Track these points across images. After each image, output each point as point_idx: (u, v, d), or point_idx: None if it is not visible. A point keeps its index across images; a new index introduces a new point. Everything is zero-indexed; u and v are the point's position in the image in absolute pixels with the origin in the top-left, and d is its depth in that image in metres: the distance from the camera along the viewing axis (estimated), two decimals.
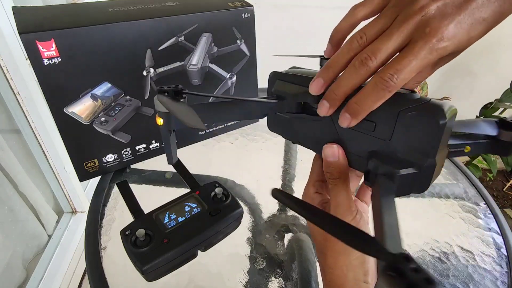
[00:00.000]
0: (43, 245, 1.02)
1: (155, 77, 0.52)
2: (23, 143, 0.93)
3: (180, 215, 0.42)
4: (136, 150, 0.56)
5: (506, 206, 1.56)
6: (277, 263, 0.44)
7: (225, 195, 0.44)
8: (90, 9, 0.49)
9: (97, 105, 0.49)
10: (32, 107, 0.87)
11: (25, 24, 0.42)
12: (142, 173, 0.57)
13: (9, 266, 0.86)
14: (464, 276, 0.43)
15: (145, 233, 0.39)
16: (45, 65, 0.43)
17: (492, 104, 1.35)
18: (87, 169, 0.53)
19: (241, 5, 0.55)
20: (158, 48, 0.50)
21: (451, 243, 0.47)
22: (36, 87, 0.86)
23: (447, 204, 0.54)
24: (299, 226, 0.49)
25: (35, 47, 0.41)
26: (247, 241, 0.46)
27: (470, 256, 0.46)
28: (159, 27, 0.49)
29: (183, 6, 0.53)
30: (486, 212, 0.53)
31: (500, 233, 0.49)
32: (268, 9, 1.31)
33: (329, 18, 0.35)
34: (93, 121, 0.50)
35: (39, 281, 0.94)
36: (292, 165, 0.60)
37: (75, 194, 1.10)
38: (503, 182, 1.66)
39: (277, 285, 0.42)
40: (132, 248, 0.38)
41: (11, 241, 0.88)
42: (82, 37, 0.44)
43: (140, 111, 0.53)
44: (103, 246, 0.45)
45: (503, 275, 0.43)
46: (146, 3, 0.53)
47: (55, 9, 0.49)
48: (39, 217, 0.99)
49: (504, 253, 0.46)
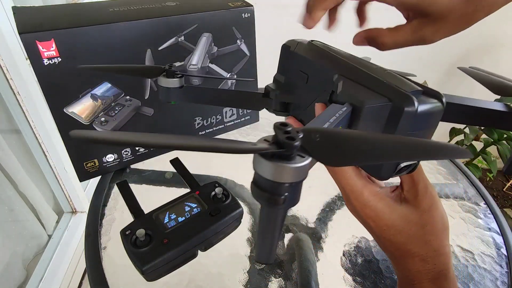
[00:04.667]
0: (43, 245, 1.02)
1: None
2: (23, 143, 0.93)
3: (180, 215, 0.42)
4: (136, 150, 0.56)
5: (506, 206, 1.56)
6: (277, 263, 0.44)
7: (225, 195, 0.44)
8: (90, 9, 0.49)
9: (97, 105, 0.49)
10: (32, 107, 0.87)
11: (25, 24, 0.42)
12: (142, 173, 0.57)
13: (9, 266, 0.86)
14: (464, 276, 0.43)
15: (145, 233, 0.39)
16: (45, 65, 0.43)
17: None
18: (87, 169, 0.53)
19: (241, 5, 0.55)
20: (158, 48, 0.50)
21: (451, 243, 0.47)
22: (36, 87, 0.86)
23: (447, 204, 0.54)
24: (299, 226, 0.49)
25: (35, 47, 0.41)
26: (247, 241, 0.46)
27: (470, 256, 0.46)
28: (159, 27, 0.49)
29: (183, 6, 0.53)
30: (486, 212, 0.53)
31: (500, 233, 0.49)
32: (268, 9, 1.31)
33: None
34: (93, 121, 0.50)
35: (39, 281, 0.93)
36: None
37: (75, 194, 1.10)
38: (503, 182, 1.66)
39: (277, 285, 0.42)
40: (132, 248, 0.38)
41: (11, 241, 0.88)
42: (82, 37, 0.44)
43: (140, 111, 0.53)
44: (103, 246, 0.45)
45: (503, 275, 0.43)
46: (146, 3, 0.53)
47: (55, 9, 0.49)
48: (39, 217, 0.99)
49: (504, 253, 0.46)
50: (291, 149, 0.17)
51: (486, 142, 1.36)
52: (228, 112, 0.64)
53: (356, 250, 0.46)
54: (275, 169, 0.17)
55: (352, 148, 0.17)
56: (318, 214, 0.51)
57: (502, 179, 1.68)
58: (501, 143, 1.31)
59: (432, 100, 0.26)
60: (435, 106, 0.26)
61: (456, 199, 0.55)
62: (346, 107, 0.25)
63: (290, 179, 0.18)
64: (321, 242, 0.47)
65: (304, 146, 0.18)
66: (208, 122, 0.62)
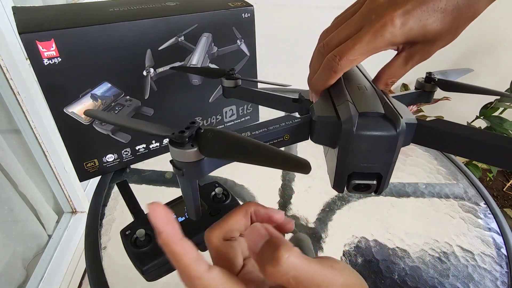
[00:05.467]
0: (43, 245, 1.02)
1: (155, 77, 0.52)
2: (23, 143, 0.93)
3: (180, 215, 0.42)
4: (136, 150, 0.56)
5: (506, 206, 1.56)
6: None
7: (225, 195, 0.44)
8: (90, 9, 0.49)
9: (97, 105, 0.49)
10: (32, 107, 0.87)
11: (25, 24, 0.42)
12: (142, 173, 0.57)
13: (9, 266, 0.86)
14: (464, 276, 0.43)
15: (145, 233, 0.39)
16: (45, 65, 0.43)
17: (492, 104, 1.35)
18: (87, 169, 0.53)
19: (241, 5, 0.55)
20: (158, 48, 0.50)
21: (451, 243, 0.47)
22: (36, 87, 0.86)
23: (447, 204, 0.54)
24: (299, 226, 0.49)
25: (35, 47, 0.41)
26: None
27: (470, 256, 0.46)
28: (159, 27, 0.49)
29: (183, 6, 0.53)
30: (486, 212, 0.53)
31: (500, 233, 0.49)
32: (268, 9, 1.31)
33: (329, 18, 0.36)
34: (93, 121, 0.50)
35: (39, 281, 0.94)
36: None
37: (75, 194, 1.10)
38: (503, 182, 1.66)
39: None
40: (132, 248, 0.38)
41: (11, 241, 0.88)
42: (82, 37, 0.44)
43: (140, 111, 0.53)
44: (103, 246, 0.45)
45: (503, 275, 0.43)
46: (146, 3, 0.53)
47: (55, 9, 0.49)
48: (39, 217, 0.99)
49: (504, 253, 0.46)
50: (181, 139, 0.24)
51: None
52: (228, 112, 0.64)
53: (356, 250, 0.46)
54: (172, 151, 0.25)
55: (228, 147, 0.23)
56: (318, 214, 0.51)
57: (502, 179, 1.68)
58: None
59: (383, 124, 0.26)
60: (382, 131, 0.25)
61: (456, 199, 0.55)
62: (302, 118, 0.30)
63: (181, 159, 0.25)
64: (321, 242, 0.47)
65: (197, 139, 0.25)
66: (208, 122, 0.62)
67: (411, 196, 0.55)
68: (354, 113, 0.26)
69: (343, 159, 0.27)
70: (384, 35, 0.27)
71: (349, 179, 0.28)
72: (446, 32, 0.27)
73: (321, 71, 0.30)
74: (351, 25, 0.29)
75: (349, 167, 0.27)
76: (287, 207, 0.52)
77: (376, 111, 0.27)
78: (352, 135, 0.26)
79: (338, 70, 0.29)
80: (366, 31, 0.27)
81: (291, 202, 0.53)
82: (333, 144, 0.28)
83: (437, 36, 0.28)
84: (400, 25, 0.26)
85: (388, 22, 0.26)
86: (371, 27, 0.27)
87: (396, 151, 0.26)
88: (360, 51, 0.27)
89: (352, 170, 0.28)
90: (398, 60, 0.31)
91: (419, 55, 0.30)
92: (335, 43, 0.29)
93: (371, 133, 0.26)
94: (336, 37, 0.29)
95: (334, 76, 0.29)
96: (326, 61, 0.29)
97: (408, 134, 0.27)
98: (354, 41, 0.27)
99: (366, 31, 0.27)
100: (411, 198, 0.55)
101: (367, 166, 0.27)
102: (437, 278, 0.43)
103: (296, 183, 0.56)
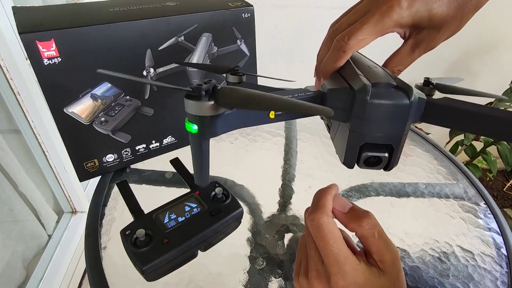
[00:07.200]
0: (43, 245, 1.02)
1: (155, 77, 0.52)
2: (23, 143, 0.93)
3: (180, 215, 0.42)
4: (136, 150, 0.56)
5: (506, 206, 1.56)
6: (277, 263, 0.44)
7: (225, 195, 0.44)
8: (90, 9, 0.49)
9: (97, 105, 0.49)
10: (32, 107, 0.87)
11: (25, 24, 0.42)
12: (142, 173, 0.57)
13: (9, 266, 0.86)
14: (464, 276, 0.43)
15: (145, 233, 0.39)
16: (45, 65, 0.43)
17: (492, 103, 1.35)
18: (87, 169, 0.53)
19: (241, 5, 0.55)
20: (158, 48, 0.50)
21: (451, 243, 0.47)
22: (36, 87, 0.86)
23: (447, 204, 0.54)
24: (299, 226, 0.49)
25: (35, 47, 0.41)
26: (247, 241, 0.46)
27: (470, 256, 0.46)
28: (159, 27, 0.49)
29: (183, 6, 0.53)
30: (486, 212, 0.53)
31: (500, 233, 0.49)
32: (268, 9, 1.31)
33: (329, 18, 0.36)
34: (93, 121, 0.50)
35: (39, 281, 0.94)
36: (292, 165, 0.59)
37: (75, 194, 1.10)
38: (503, 182, 1.66)
39: (277, 285, 0.42)
40: (132, 248, 0.38)
41: (11, 241, 0.88)
42: (82, 37, 0.44)
43: (140, 111, 0.53)
44: (103, 246, 0.45)
45: (503, 275, 0.43)
46: (146, 3, 0.53)
47: (55, 9, 0.49)
48: (39, 217, 0.99)
49: (504, 253, 0.46)
50: (198, 91, 0.25)
51: (486, 142, 1.37)
52: None
53: None
54: (188, 105, 0.26)
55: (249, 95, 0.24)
56: None
57: (502, 179, 1.68)
58: (501, 143, 1.32)
59: (396, 94, 0.26)
60: (396, 100, 0.26)
61: (456, 199, 0.55)
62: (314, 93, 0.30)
63: (197, 112, 0.25)
64: None
65: (214, 95, 0.26)
66: None
67: (411, 196, 0.55)
68: (368, 83, 0.27)
69: (356, 129, 0.27)
70: (391, 15, 0.28)
71: (361, 151, 0.28)
72: (452, 19, 0.28)
73: (331, 52, 0.30)
74: (359, 10, 0.30)
75: (362, 138, 0.28)
76: (287, 207, 0.52)
77: (389, 82, 0.27)
78: (366, 103, 0.26)
79: (347, 49, 0.29)
80: (374, 13, 0.28)
81: (291, 202, 0.53)
82: (345, 118, 0.28)
83: (443, 21, 0.28)
84: (407, 6, 0.27)
85: (395, 4, 0.27)
86: (378, 9, 0.28)
87: (408, 122, 0.27)
88: (368, 31, 0.28)
89: (365, 141, 0.28)
90: (405, 47, 0.31)
91: (425, 43, 0.30)
92: (344, 27, 0.30)
93: (385, 102, 0.26)
94: (345, 22, 0.30)
95: (343, 56, 0.30)
96: (335, 42, 0.30)
97: (418, 109, 0.28)
98: (362, 22, 0.28)
99: (373, 13, 0.28)
100: (411, 198, 0.55)
101: (379, 136, 0.27)
102: (437, 278, 0.43)
103: (296, 183, 0.56)
